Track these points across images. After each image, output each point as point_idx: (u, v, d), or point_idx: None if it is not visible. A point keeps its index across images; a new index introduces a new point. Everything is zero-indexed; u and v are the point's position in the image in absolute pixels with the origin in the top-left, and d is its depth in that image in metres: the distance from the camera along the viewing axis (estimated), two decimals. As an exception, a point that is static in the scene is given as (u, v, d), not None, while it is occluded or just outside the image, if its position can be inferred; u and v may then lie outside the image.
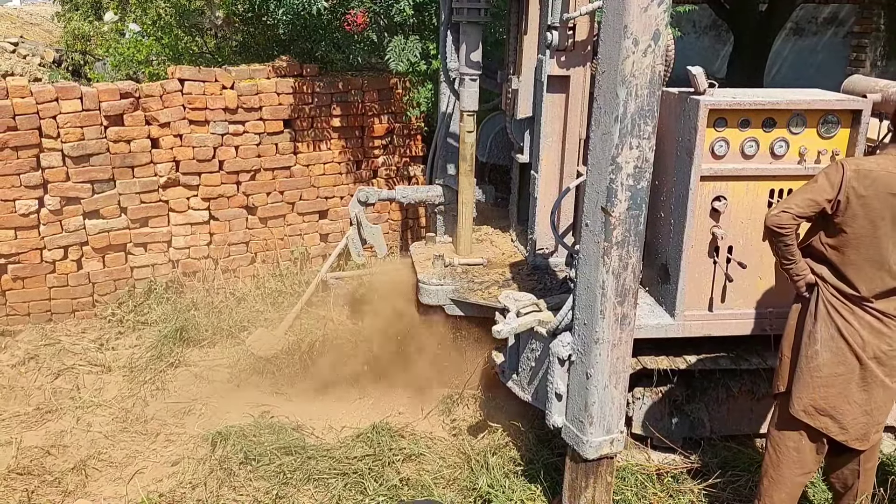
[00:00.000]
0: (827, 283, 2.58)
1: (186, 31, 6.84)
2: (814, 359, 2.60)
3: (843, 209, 2.48)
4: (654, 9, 2.38)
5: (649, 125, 2.51)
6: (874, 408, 2.59)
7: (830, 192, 2.48)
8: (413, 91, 5.64)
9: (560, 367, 2.89)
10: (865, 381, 2.56)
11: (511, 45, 4.20)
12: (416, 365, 4.31)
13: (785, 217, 2.53)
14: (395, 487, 3.27)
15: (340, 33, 5.58)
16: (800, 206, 2.52)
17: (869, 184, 2.44)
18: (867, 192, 2.44)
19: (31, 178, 4.59)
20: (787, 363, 2.73)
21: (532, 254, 4.13)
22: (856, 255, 2.51)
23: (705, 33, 10.96)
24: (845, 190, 2.46)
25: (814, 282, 2.62)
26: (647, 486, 3.26)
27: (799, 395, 2.63)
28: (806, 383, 2.62)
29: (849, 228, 2.50)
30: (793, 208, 2.52)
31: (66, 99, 4.60)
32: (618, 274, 2.64)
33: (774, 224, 2.54)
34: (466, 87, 4.13)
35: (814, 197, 2.51)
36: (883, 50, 9.30)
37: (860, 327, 2.54)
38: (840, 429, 2.61)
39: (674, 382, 3.42)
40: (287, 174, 5.52)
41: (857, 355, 2.54)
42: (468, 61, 4.08)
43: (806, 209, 2.52)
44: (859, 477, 2.75)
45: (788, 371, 2.71)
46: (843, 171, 2.48)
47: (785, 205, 2.54)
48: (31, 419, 3.92)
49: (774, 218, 2.54)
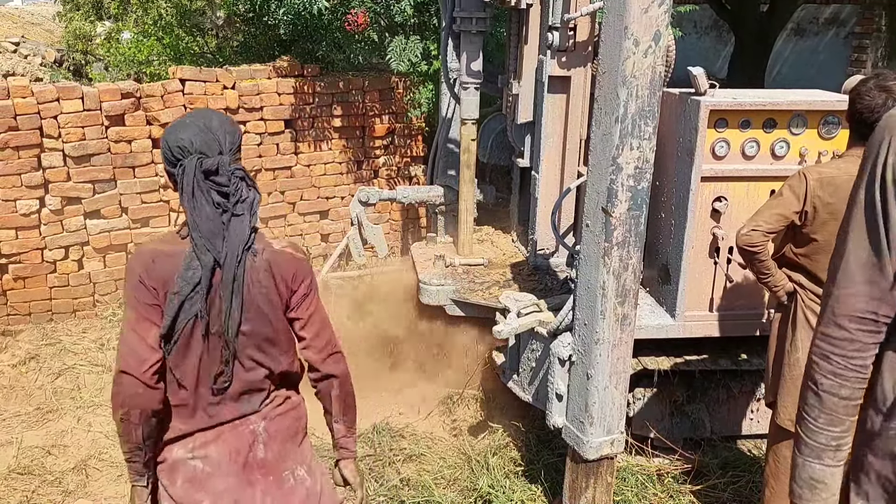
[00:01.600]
0: (805, 289, 2.59)
1: (188, 31, 6.84)
2: (796, 366, 2.60)
3: (811, 219, 2.50)
4: (654, 10, 2.38)
5: (650, 126, 2.51)
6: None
7: (797, 204, 2.50)
8: (414, 91, 5.64)
9: (560, 367, 2.89)
10: None
11: (511, 53, 4.20)
12: (416, 365, 4.32)
13: (755, 235, 2.54)
14: (396, 488, 3.27)
15: (341, 33, 5.59)
16: (768, 223, 2.53)
17: (833, 190, 2.46)
18: (832, 198, 2.46)
19: (32, 178, 4.60)
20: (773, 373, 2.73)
21: (533, 254, 4.13)
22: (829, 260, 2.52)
23: (706, 34, 10.96)
24: (811, 200, 2.48)
25: (793, 290, 2.62)
26: (647, 487, 3.26)
27: (784, 404, 2.63)
28: (790, 392, 2.61)
29: (819, 236, 2.52)
30: (761, 225, 2.54)
31: (67, 99, 4.61)
32: (618, 274, 2.64)
33: (745, 244, 2.56)
34: (467, 95, 4.13)
35: (781, 211, 2.52)
36: (884, 51, 9.30)
37: None
38: None
39: (674, 383, 3.42)
40: (288, 174, 5.52)
41: None
42: (469, 70, 4.08)
43: (775, 224, 2.53)
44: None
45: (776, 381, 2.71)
46: (805, 181, 2.49)
47: (753, 223, 2.55)
48: (32, 419, 3.92)
49: (745, 237, 2.56)
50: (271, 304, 1.83)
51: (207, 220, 1.75)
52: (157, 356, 1.78)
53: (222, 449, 1.86)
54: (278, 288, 1.84)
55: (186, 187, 1.76)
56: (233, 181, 1.78)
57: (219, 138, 1.81)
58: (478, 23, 3.99)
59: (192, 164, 1.75)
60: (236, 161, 1.84)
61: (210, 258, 1.75)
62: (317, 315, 1.93)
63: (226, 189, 1.77)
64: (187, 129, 1.79)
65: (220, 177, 1.76)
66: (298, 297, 1.89)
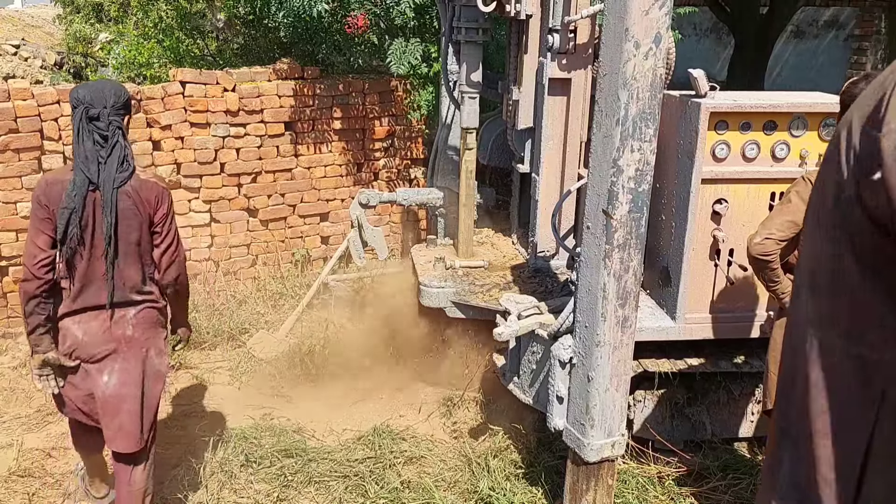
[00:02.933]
0: None
1: (188, 33, 6.85)
2: None
3: None
4: (655, 12, 2.39)
5: (651, 128, 2.51)
6: None
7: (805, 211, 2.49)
8: (414, 94, 5.64)
9: (561, 369, 2.89)
10: None
11: (511, 63, 4.19)
12: (416, 368, 4.32)
13: (769, 244, 2.52)
14: (396, 490, 3.27)
15: (341, 36, 5.59)
16: (781, 230, 2.52)
17: None
18: None
19: (32, 180, 4.60)
20: (774, 379, 2.71)
21: (533, 256, 4.13)
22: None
23: (706, 36, 10.97)
24: None
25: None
26: (647, 489, 3.25)
27: None
28: None
29: None
30: (774, 234, 2.52)
31: (67, 101, 4.59)
32: (619, 276, 2.64)
33: (760, 253, 2.53)
34: (466, 105, 4.13)
35: (792, 218, 2.51)
36: (884, 53, 9.31)
37: None
38: None
39: (675, 385, 3.42)
40: (288, 176, 5.52)
41: None
42: (468, 80, 4.08)
43: (787, 232, 2.52)
44: None
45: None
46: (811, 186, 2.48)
47: (766, 231, 2.53)
48: (32, 421, 3.92)
49: (759, 247, 2.53)
50: (139, 219, 2.58)
51: (86, 151, 2.50)
52: (46, 255, 2.52)
53: (99, 325, 2.64)
54: (145, 207, 2.58)
55: (75, 127, 2.52)
56: (111, 128, 2.53)
57: (106, 96, 2.53)
58: (478, 33, 3.99)
59: (80, 110, 2.50)
60: (119, 117, 2.56)
61: (84, 178, 2.49)
62: (171, 232, 2.69)
63: (105, 133, 2.52)
64: (85, 87, 2.55)
65: (101, 122, 2.51)
66: (160, 216, 2.64)
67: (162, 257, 2.67)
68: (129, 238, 2.57)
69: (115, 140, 2.52)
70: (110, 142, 2.51)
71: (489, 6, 3.70)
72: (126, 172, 2.54)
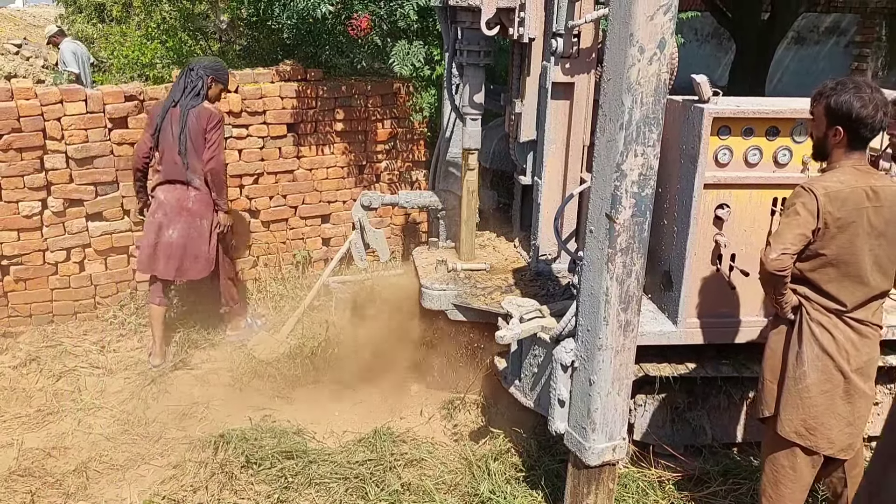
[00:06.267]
0: (811, 301, 2.59)
1: (191, 34, 6.87)
2: (802, 380, 2.59)
3: (821, 234, 2.50)
4: (659, 17, 2.39)
5: (654, 133, 2.52)
6: (857, 417, 2.61)
7: (814, 222, 2.49)
8: (417, 96, 5.65)
9: (563, 373, 2.90)
10: (849, 393, 2.58)
11: (514, 84, 4.19)
12: (417, 370, 4.32)
13: (786, 259, 2.50)
14: (397, 492, 3.27)
15: (344, 38, 5.60)
16: (794, 244, 2.51)
17: (840, 204, 2.46)
18: (841, 212, 2.46)
19: (34, 179, 4.60)
20: (770, 387, 2.71)
21: (535, 260, 4.13)
22: (836, 273, 2.54)
23: (707, 41, 11.00)
24: (823, 216, 2.47)
25: (797, 303, 2.63)
26: (648, 493, 3.26)
27: (789, 417, 2.63)
28: (795, 405, 2.62)
29: (827, 251, 2.51)
30: (789, 248, 2.50)
31: (70, 101, 4.61)
32: (621, 280, 2.65)
33: (778, 268, 2.51)
34: (469, 125, 4.12)
35: (802, 231, 2.50)
36: (884, 59, 9.34)
37: (845, 340, 2.55)
38: (828, 443, 2.61)
39: (676, 389, 3.42)
40: (290, 178, 5.53)
41: (842, 370, 2.56)
42: (471, 102, 4.07)
43: (799, 244, 2.51)
44: (847, 485, 2.78)
45: (775, 395, 2.70)
46: (815, 197, 2.48)
47: (782, 246, 2.50)
48: (33, 421, 3.92)
49: (777, 262, 2.50)
50: (199, 128, 4.33)
51: (175, 87, 4.46)
52: (149, 145, 4.41)
53: (173, 195, 4.43)
54: (201, 122, 4.33)
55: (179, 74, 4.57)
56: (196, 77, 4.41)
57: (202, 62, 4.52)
58: (480, 55, 3.99)
59: (187, 66, 4.51)
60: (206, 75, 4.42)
61: (170, 100, 4.40)
62: (214, 140, 4.36)
63: (193, 79, 4.41)
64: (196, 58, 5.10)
65: (194, 73, 4.42)
66: (209, 132, 4.35)
67: (206, 153, 4.35)
68: (194, 140, 4.30)
69: (196, 84, 4.37)
70: (193, 84, 4.37)
71: (493, 30, 3.70)
72: (196, 101, 4.34)
